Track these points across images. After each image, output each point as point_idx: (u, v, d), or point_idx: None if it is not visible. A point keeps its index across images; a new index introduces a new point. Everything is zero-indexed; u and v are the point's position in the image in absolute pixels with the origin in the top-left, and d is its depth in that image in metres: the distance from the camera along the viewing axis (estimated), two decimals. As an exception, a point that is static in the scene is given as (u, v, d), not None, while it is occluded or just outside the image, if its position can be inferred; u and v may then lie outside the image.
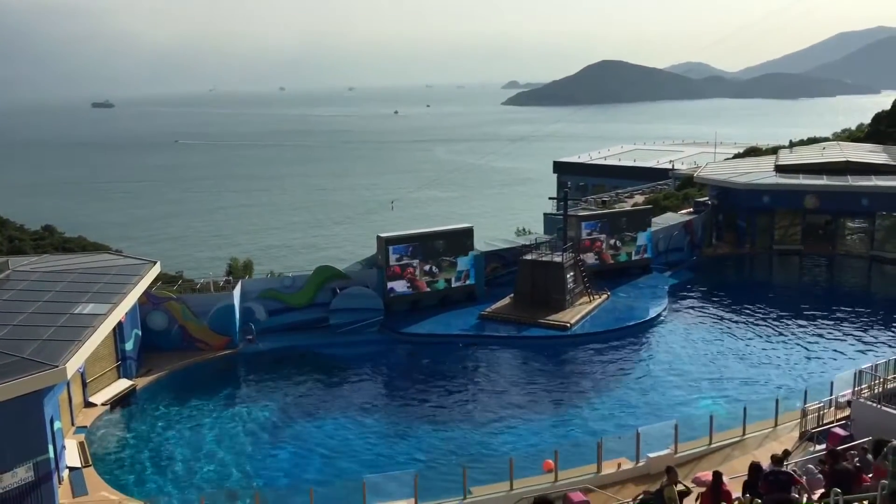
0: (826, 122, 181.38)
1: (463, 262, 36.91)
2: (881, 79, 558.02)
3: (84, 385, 26.08)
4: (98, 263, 30.86)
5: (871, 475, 14.37)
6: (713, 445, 21.47)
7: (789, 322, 34.93)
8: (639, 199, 64.93)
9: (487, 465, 21.44)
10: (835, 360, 30.12)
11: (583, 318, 34.81)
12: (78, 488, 20.60)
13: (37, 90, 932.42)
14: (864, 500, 11.38)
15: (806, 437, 21.46)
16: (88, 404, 26.13)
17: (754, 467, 14.38)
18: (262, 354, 31.86)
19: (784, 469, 13.99)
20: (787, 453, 14.46)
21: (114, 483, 21.40)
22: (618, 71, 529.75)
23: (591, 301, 36.74)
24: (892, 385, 22.15)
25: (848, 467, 14.09)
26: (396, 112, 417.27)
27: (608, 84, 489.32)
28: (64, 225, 62.83)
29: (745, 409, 22.33)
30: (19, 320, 22.68)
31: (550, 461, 20.04)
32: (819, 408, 22.22)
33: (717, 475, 14.37)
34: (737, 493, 14.49)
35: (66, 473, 21.14)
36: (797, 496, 13.14)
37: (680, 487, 14.43)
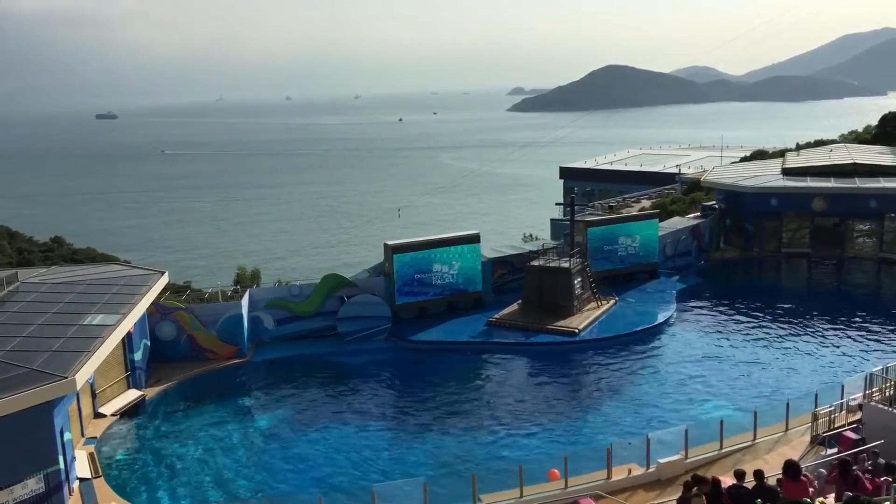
0: (833, 124, 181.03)
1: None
2: (888, 80, 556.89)
3: (94, 396, 26.13)
4: (107, 274, 30.98)
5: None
6: (724, 450, 21.36)
7: (799, 325, 34.77)
8: (646, 203, 64.88)
9: (497, 472, 21.36)
10: (845, 363, 29.95)
11: (591, 323, 34.74)
12: (88, 499, 20.61)
13: (42, 102, 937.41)
14: None
15: (817, 441, 21.33)
16: (98, 415, 26.16)
17: (714, 482, 14.74)
18: (270, 363, 31.92)
19: (744, 484, 14.35)
20: (744, 473, 14.88)
21: (124, 494, 21.42)
22: (623, 75, 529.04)
23: (599, 306, 36.65)
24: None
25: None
26: (401, 120, 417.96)
27: (613, 89, 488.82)
28: (72, 236, 63.22)
29: (755, 413, 22.21)
30: (29, 332, 22.78)
31: (556, 471, 19.99)
32: (830, 411, 22.08)
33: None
34: None
35: (76, 484, 21.16)
36: None
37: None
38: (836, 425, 21.65)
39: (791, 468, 14.08)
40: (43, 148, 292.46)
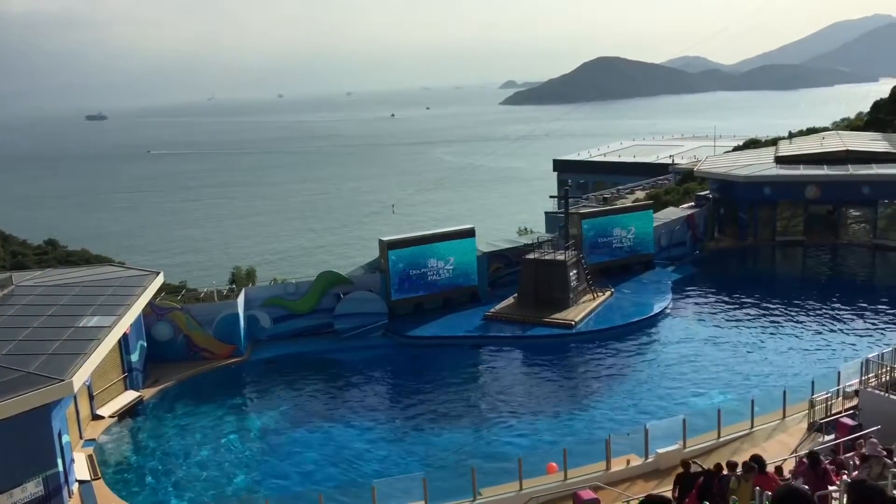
0: (825, 111, 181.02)
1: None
2: (878, 67, 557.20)
3: (91, 398, 26.09)
4: (101, 276, 30.89)
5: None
6: (722, 439, 21.44)
7: (794, 313, 34.88)
8: (640, 194, 64.87)
9: (496, 465, 21.42)
10: (841, 349, 30.06)
11: (587, 315, 34.78)
12: (88, 501, 20.61)
13: (33, 104, 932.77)
14: None
15: (814, 428, 21.43)
16: (96, 417, 26.15)
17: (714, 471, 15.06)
18: (267, 362, 31.90)
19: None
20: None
21: (124, 495, 21.42)
22: (615, 67, 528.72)
23: (594, 298, 36.70)
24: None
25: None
26: (393, 115, 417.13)
27: (606, 80, 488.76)
28: (66, 238, 62.88)
29: (752, 401, 22.30)
30: (25, 335, 22.72)
31: (554, 464, 20.02)
32: (827, 398, 22.19)
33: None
34: None
35: (75, 487, 21.16)
36: None
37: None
38: (832, 412, 21.77)
39: (757, 461, 14.32)
40: (34, 150, 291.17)
